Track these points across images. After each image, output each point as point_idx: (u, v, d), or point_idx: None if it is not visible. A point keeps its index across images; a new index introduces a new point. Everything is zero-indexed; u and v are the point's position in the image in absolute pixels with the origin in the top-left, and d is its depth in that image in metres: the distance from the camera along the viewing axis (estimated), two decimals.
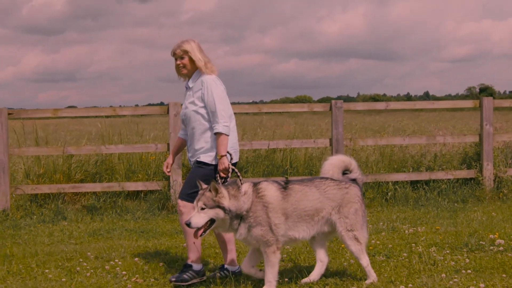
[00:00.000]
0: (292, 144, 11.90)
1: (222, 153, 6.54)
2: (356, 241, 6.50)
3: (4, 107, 11.07)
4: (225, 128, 6.58)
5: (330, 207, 6.45)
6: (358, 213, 6.53)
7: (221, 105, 6.65)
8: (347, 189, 6.55)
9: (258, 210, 6.17)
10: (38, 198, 11.48)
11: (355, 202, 6.53)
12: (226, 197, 6.05)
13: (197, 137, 6.77)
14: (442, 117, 38.39)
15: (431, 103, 13.76)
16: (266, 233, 6.17)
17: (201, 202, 5.99)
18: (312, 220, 6.40)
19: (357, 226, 6.50)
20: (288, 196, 6.32)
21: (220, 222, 6.08)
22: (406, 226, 9.65)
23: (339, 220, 6.46)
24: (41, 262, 7.89)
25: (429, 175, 12.17)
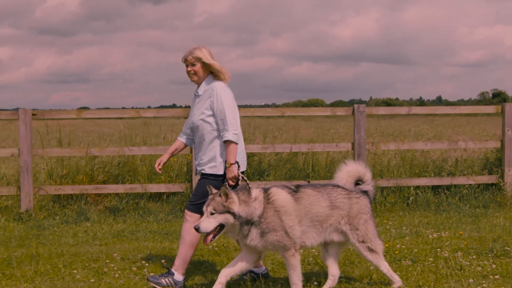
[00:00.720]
0: (315, 148, 11.92)
1: (231, 161, 6.53)
2: (371, 251, 6.48)
3: (28, 108, 11.13)
4: (234, 136, 6.57)
5: (339, 216, 6.40)
6: (368, 223, 6.49)
7: (230, 113, 6.63)
8: (358, 199, 6.51)
9: (270, 216, 6.11)
10: (61, 199, 11.54)
11: (364, 213, 6.49)
12: (236, 203, 5.99)
13: (205, 146, 6.76)
14: (457, 122, 38.24)
15: (452, 108, 13.74)
16: (282, 238, 6.12)
17: (211, 207, 5.94)
18: (321, 226, 6.35)
19: (370, 236, 6.47)
20: (300, 199, 6.27)
21: (229, 227, 6.01)
22: (429, 231, 9.64)
23: (350, 232, 6.43)
24: (67, 263, 7.94)
25: (451, 180, 12.15)
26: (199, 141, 6.84)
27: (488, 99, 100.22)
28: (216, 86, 6.73)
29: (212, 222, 5.91)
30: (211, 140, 6.71)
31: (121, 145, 12.67)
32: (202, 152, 6.77)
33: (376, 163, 12.81)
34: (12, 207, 11.25)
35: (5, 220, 10.81)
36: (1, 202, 11.33)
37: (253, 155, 12.21)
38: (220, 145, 6.68)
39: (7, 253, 8.50)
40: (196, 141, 6.91)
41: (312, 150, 11.97)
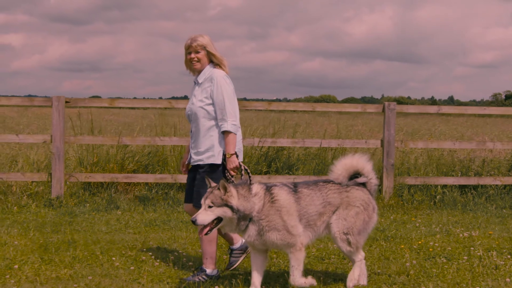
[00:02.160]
0: (344, 144, 11.96)
1: (231, 151, 6.51)
2: (348, 244, 6.36)
3: (62, 95, 11.21)
4: (233, 127, 6.54)
5: (331, 212, 6.34)
6: (359, 217, 6.38)
7: (230, 103, 6.60)
8: (347, 192, 6.41)
9: (272, 214, 6.05)
10: (91, 187, 11.63)
11: (356, 206, 6.38)
12: (235, 196, 5.94)
13: (201, 135, 6.71)
14: (473, 123, 38.16)
15: (482, 108, 13.77)
16: (284, 237, 6.07)
17: (209, 200, 5.89)
18: (316, 225, 6.31)
19: (354, 230, 6.35)
20: (299, 199, 6.22)
21: (227, 221, 5.96)
22: (459, 229, 9.68)
23: (336, 221, 6.33)
24: (104, 250, 8.02)
25: (477, 180, 12.18)
26: (196, 130, 6.78)
27: (500, 100, 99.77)
28: (217, 75, 6.69)
29: (209, 215, 5.88)
30: (209, 128, 6.67)
31: (152, 135, 12.74)
32: (200, 140, 6.71)
33: (404, 161, 12.86)
34: (42, 193, 11.35)
35: (36, 206, 10.91)
36: (32, 188, 11.42)
37: (283, 149, 12.28)
38: (218, 134, 6.64)
39: (43, 238, 8.59)
40: (193, 129, 6.85)
41: (341, 146, 12.02)
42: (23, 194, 11.28)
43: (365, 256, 7.81)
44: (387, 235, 9.15)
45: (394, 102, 11.85)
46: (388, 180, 11.76)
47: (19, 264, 7.20)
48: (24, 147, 14.45)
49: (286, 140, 11.87)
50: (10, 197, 11.20)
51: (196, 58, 6.78)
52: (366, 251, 8.12)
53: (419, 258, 7.82)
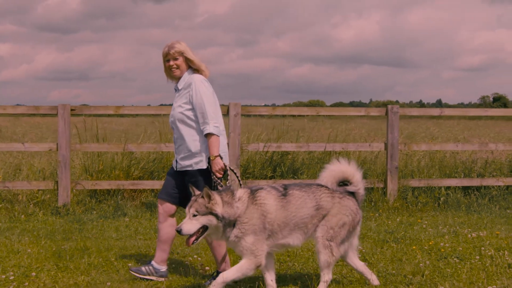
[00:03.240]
0: (348, 147, 12.05)
1: (215, 153, 6.47)
2: (330, 251, 6.25)
3: (67, 103, 11.24)
4: (215, 129, 6.52)
5: (322, 215, 6.26)
6: (344, 227, 6.30)
7: (210, 106, 6.60)
8: (340, 199, 6.34)
9: (255, 218, 5.99)
10: (97, 194, 11.66)
11: (345, 215, 6.31)
12: (220, 204, 5.87)
13: (186, 140, 6.71)
14: (465, 125, 38.26)
15: (484, 110, 13.90)
16: (257, 243, 5.99)
17: (193, 208, 5.82)
18: (306, 228, 6.24)
19: (338, 239, 6.27)
20: (288, 203, 6.14)
21: (213, 229, 5.89)
22: (466, 230, 9.76)
23: (322, 227, 6.25)
24: (118, 256, 8.07)
25: (480, 181, 12.29)
26: (179, 136, 6.78)
27: (488, 103, 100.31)
28: (195, 79, 6.70)
29: (194, 224, 5.81)
30: (192, 133, 6.67)
31: (156, 141, 12.79)
32: (185, 146, 6.71)
33: (407, 163, 12.96)
34: (49, 201, 11.37)
35: (43, 214, 10.93)
36: (38, 196, 11.44)
37: (287, 154, 12.35)
38: (201, 138, 6.64)
39: (55, 246, 8.62)
40: (176, 135, 6.84)
41: (346, 150, 12.11)
42: (30, 203, 11.30)
43: (377, 258, 7.94)
44: (397, 237, 9.21)
45: (397, 105, 11.99)
46: (393, 182, 11.84)
47: (35, 272, 7.23)
48: (27, 156, 14.46)
49: (291, 145, 11.95)
50: (16, 205, 11.21)
51: (175, 65, 6.81)
52: (377, 252, 8.21)
53: (431, 259, 7.89)
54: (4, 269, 7.35)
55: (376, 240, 9.07)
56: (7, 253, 8.17)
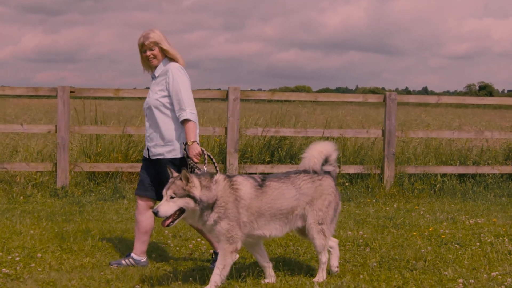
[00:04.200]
0: (346, 133, 12.13)
1: (192, 139, 6.47)
2: (323, 235, 6.27)
3: (67, 85, 11.24)
4: (192, 115, 6.52)
5: (304, 203, 6.23)
6: (331, 206, 6.33)
7: (186, 93, 6.59)
8: (320, 181, 6.32)
9: (230, 202, 5.93)
10: (96, 176, 11.68)
11: (329, 194, 6.32)
12: (198, 187, 5.78)
13: (159, 127, 6.71)
14: (455, 113, 38.42)
15: (480, 98, 14.04)
16: (232, 229, 5.92)
17: (171, 190, 5.73)
18: (286, 218, 6.17)
19: (327, 220, 6.29)
20: (263, 194, 6.06)
21: (190, 212, 5.80)
22: (463, 217, 9.86)
23: (311, 212, 6.23)
24: (121, 238, 8.11)
25: (476, 169, 12.42)
26: (153, 122, 6.77)
27: (474, 91, 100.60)
28: (172, 67, 6.71)
29: (171, 206, 5.72)
30: (166, 121, 6.68)
31: None
32: (158, 134, 6.72)
33: (404, 150, 13.05)
34: (47, 183, 11.38)
35: (41, 196, 10.95)
36: (36, 178, 11.44)
37: (285, 139, 12.41)
38: (176, 126, 6.65)
39: (57, 227, 8.64)
40: (149, 122, 6.83)
41: (343, 136, 12.18)
42: (28, 184, 11.30)
43: (378, 243, 8.01)
44: (396, 223, 9.30)
45: (395, 92, 12.05)
46: (389, 169, 11.93)
47: (40, 253, 7.26)
48: (23, 138, 14.44)
49: (289, 130, 12.01)
50: (15, 187, 11.21)
51: (152, 55, 6.80)
52: (378, 238, 8.29)
53: (432, 245, 7.98)
54: (8, 250, 7.37)
55: (375, 226, 9.15)
56: (10, 234, 8.19)
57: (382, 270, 6.81)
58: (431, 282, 6.39)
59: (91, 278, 6.38)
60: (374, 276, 6.56)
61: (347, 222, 9.38)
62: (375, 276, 6.58)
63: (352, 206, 10.79)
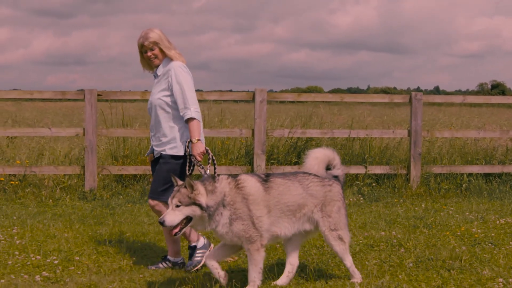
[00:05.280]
0: (372, 134, 12.17)
1: (196, 137, 6.43)
2: (341, 240, 6.20)
3: (94, 88, 11.30)
4: (196, 113, 6.49)
5: (313, 205, 6.13)
6: (341, 212, 6.23)
7: (190, 91, 6.55)
8: (330, 186, 6.25)
9: (238, 202, 5.83)
10: (123, 179, 11.74)
11: (337, 200, 6.22)
12: (203, 194, 5.69)
13: (164, 127, 6.68)
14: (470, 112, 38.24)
15: (506, 98, 14.07)
16: (248, 228, 5.83)
17: (176, 199, 5.65)
18: (294, 216, 6.06)
19: (341, 225, 6.20)
20: (270, 188, 5.98)
21: (197, 220, 5.73)
22: (493, 216, 9.86)
23: (322, 219, 6.15)
24: (156, 241, 8.16)
25: (502, 168, 12.41)
26: (156, 122, 6.76)
27: (487, 90, 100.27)
28: (174, 66, 6.65)
29: (177, 215, 5.65)
30: (169, 120, 6.65)
31: None
32: (161, 133, 6.70)
33: (430, 150, 13.06)
34: (75, 186, 11.45)
35: (70, 199, 11.02)
36: (64, 181, 11.52)
37: (312, 140, 12.44)
38: (179, 125, 6.63)
39: (90, 230, 8.70)
40: (153, 122, 6.83)
41: (370, 136, 12.21)
42: (56, 187, 11.37)
43: (413, 243, 8.01)
44: (427, 223, 9.30)
45: (421, 92, 12.06)
46: (416, 169, 11.94)
47: (77, 256, 7.31)
48: (49, 141, 14.51)
49: (316, 131, 12.06)
50: (43, 190, 11.27)
51: (153, 55, 6.76)
52: (411, 238, 8.30)
53: (466, 244, 7.98)
54: (45, 253, 7.43)
55: (406, 226, 9.16)
56: (44, 237, 8.24)
57: (419, 270, 6.83)
58: (470, 281, 6.40)
59: (131, 281, 6.42)
60: (413, 276, 6.58)
61: (378, 222, 9.40)
62: (414, 276, 6.59)
63: (380, 206, 10.80)
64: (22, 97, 11.81)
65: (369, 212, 10.21)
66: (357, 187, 11.82)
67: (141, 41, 6.76)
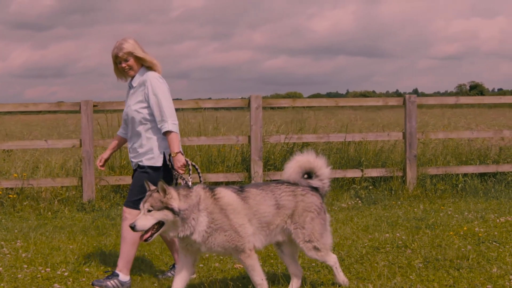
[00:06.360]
0: (367, 137, 12.25)
1: (176, 150, 6.36)
2: (316, 250, 6.08)
3: (90, 99, 11.29)
4: (174, 126, 6.43)
5: (285, 215, 6.02)
6: (315, 221, 6.06)
7: (167, 103, 6.46)
8: (303, 196, 6.09)
9: (216, 212, 5.73)
10: (121, 189, 11.71)
11: (310, 211, 6.07)
12: (176, 198, 5.59)
13: (141, 138, 6.59)
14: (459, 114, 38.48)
15: (498, 98, 14.17)
16: (231, 238, 5.74)
17: (148, 203, 5.55)
18: (268, 228, 5.96)
19: (316, 235, 6.06)
20: (246, 198, 5.88)
21: (170, 225, 5.61)
22: (492, 216, 9.94)
23: (295, 231, 6.03)
24: (161, 250, 8.16)
25: (496, 167, 12.53)
26: (133, 133, 6.67)
27: (465, 91, 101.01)
28: (150, 77, 6.55)
29: (149, 220, 5.54)
30: (146, 131, 6.56)
31: (180, 135, 12.83)
32: (138, 143, 6.61)
33: (424, 152, 13.16)
34: (73, 197, 11.41)
35: (69, 211, 10.97)
36: (62, 193, 11.48)
37: (307, 145, 12.49)
38: (156, 136, 6.55)
39: (94, 242, 8.69)
40: (130, 133, 6.74)
41: (365, 139, 12.29)
42: (54, 199, 11.33)
43: (418, 244, 8.07)
44: (428, 224, 9.37)
45: (414, 95, 12.14)
46: (411, 171, 12.02)
47: (86, 267, 7.31)
48: (43, 153, 14.44)
49: (311, 136, 12.10)
50: (41, 203, 11.23)
51: (127, 66, 6.65)
52: (416, 239, 8.35)
53: (471, 244, 8.05)
54: (53, 265, 7.42)
55: (408, 228, 9.21)
56: (49, 250, 8.23)
57: (429, 270, 6.89)
58: (481, 279, 6.48)
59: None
60: (424, 277, 6.65)
61: (380, 225, 9.45)
62: (424, 276, 6.66)
63: (379, 209, 10.85)
64: (17, 110, 11.69)
65: (369, 215, 10.26)
66: (354, 191, 11.88)
67: (115, 52, 6.66)
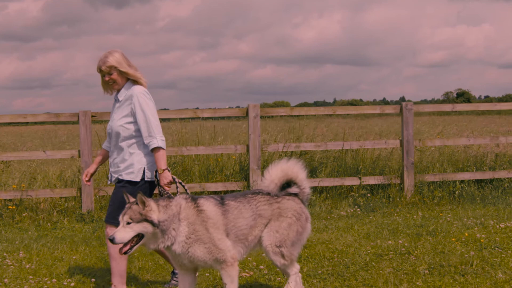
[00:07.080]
0: (365, 145, 12.29)
1: (163, 167, 6.27)
2: (282, 257, 5.97)
3: (88, 110, 11.29)
4: (162, 142, 6.33)
5: (262, 225, 5.98)
6: (291, 228, 5.99)
7: (154, 119, 6.37)
8: (279, 203, 6.04)
9: (197, 224, 5.66)
10: None
11: (288, 217, 6.00)
12: (155, 210, 5.52)
13: (123, 153, 6.49)
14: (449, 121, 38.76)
15: (493, 105, 14.31)
16: (211, 250, 5.67)
17: (127, 216, 5.47)
18: (247, 240, 5.92)
19: (287, 242, 5.97)
20: (226, 212, 5.82)
21: (149, 237, 5.55)
22: (491, 222, 9.99)
23: (267, 234, 5.97)
24: (163, 260, 8.15)
25: (492, 174, 12.59)
26: (116, 148, 6.57)
27: (452, 99, 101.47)
28: (137, 92, 6.44)
29: (128, 232, 5.46)
30: (129, 146, 6.46)
31: (177, 145, 12.85)
32: (120, 158, 6.52)
33: (421, 159, 13.22)
34: (73, 208, 11.38)
35: (68, 222, 10.94)
36: (61, 204, 11.45)
37: (305, 153, 12.53)
38: (139, 152, 6.45)
39: (97, 252, 8.72)
40: (113, 147, 6.64)
41: (363, 147, 12.33)
42: (53, 210, 11.30)
43: (420, 251, 8.10)
44: (429, 230, 9.41)
45: (411, 102, 12.19)
46: (409, 178, 12.07)
47: (92, 278, 7.31)
48: (41, 164, 14.43)
49: (310, 144, 12.13)
50: (40, 214, 11.20)
51: (111, 80, 6.54)
52: (419, 246, 8.39)
53: (473, 250, 8.09)
54: (58, 276, 7.42)
55: (410, 235, 9.25)
56: (53, 261, 8.22)
57: (434, 276, 6.93)
58: (487, 285, 6.53)
59: None
60: (430, 283, 6.69)
61: (381, 232, 9.48)
62: (431, 282, 6.71)
63: (378, 216, 10.88)
64: (16, 121, 11.67)
65: (368, 223, 10.29)
66: (352, 198, 11.92)
67: (99, 65, 6.57)
